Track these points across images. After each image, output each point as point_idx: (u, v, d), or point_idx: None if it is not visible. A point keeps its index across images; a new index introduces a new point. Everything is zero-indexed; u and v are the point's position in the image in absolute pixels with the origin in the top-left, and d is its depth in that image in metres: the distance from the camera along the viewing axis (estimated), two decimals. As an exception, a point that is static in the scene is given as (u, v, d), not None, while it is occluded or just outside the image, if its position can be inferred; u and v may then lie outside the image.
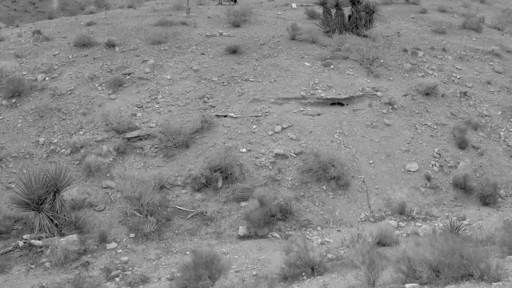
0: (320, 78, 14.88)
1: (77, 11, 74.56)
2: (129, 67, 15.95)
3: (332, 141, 13.01)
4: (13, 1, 76.38)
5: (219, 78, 15.00)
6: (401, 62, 16.20)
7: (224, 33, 18.01)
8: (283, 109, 13.85)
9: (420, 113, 14.18)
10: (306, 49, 16.64)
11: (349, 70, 15.40)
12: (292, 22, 18.41)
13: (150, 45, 17.22)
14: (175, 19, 19.98)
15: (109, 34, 18.38)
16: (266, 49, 16.66)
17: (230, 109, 13.87)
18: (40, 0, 78.84)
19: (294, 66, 15.50)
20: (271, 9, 23.15)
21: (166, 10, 23.31)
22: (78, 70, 15.87)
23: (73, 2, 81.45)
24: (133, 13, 22.66)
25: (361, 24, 17.91)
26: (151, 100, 14.41)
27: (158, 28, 18.84)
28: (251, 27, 19.27)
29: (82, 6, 79.56)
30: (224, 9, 22.78)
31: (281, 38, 17.69)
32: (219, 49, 16.67)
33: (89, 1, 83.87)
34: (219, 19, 20.51)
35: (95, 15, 22.94)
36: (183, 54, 16.54)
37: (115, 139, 13.21)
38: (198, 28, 19.12)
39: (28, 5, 76.39)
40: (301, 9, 23.08)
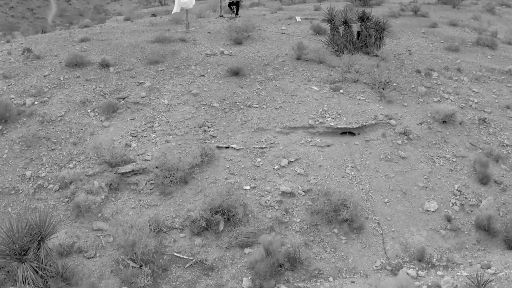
0: (329, 104, 13.82)
1: (76, 18, 73.70)
2: (123, 90, 14.89)
3: (343, 176, 11.94)
4: (10, 7, 75.43)
5: (220, 103, 13.94)
6: (415, 85, 15.13)
7: (226, 52, 16.95)
8: (289, 140, 12.79)
9: (437, 144, 13.11)
10: (313, 70, 15.58)
11: (360, 95, 14.34)
12: (297, 41, 17.34)
13: (147, 65, 16.16)
14: (174, 35, 18.93)
15: (104, 52, 17.33)
16: (271, 71, 15.60)
17: (233, 139, 12.81)
18: (39, 6, 77.90)
19: (300, 90, 14.44)
20: (274, 23, 22.10)
21: (164, 24, 22.27)
22: (70, 93, 14.82)
23: (71, 8, 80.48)
24: (130, 28, 21.61)
25: (371, 43, 16.85)
26: (147, 128, 13.35)
27: (155, 46, 17.79)
28: (254, 44, 18.22)
29: (81, 12, 78.83)
30: (225, 22, 21.74)
31: (286, 57, 16.63)
32: (220, 70, 15.61)
33: (88, 7, 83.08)
34: (220, 35, 19.46)
35: (89, 30, 21.88)
36: (181, 76, 15.48)
37: (108, 174, 12.14)
38: (198, 45, 18.07)
39: (26, 11, 75.42)
40: (305, 23, 22.04)
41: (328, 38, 17.30)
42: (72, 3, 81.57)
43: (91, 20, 68.06)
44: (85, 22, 22.77)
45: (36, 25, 69.90)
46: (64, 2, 79.87)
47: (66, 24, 68.00)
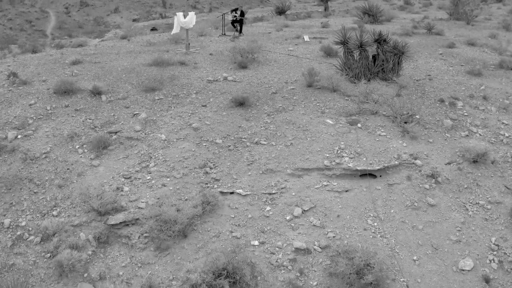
0: (346, 141, 12.29)
1: (75, 30, 72.41)
2: (116, 122, 13.38)
3: (365, 228, 10.39)
4: (9, 19, 74.18)
5: (224, 140, 12.42)
6: (439, 118, 13.61)
7: (229, 77, 15.46)
8: (303, 184, 11.25)
9: (469, 188, 11.57)
10: (326, 100, 14.06)
11: (380, 130, 12.81)
12: (307, 64, 15.86)
13: (143, 93, 14.67)
14: (173, 57, 17.45)
15: (96, 77, 15.85)
16: (279, 100, 14.09)
17: (238, 183, 11.27)
18: (37, 18, 76.66)
19: (313, 124, 12.92)
20: (281, 43, 20.63)
21: (163, 44, 20.80)
22: (57, 126, 13.32)
23: (71, 20, 79.26)
24: (126, 47, 20.15)
25: (388, 68, 15.34)
26: (141, 168, 11.83)
27: (152, 70, 16.31)
28: (260, 68, 16.73)
29: (80, 25, 77.59)
30: (228, 42, 20.27)
31: (296, 84, 15.12)
32: (223, 99, 14.11)
33: (88, 19, 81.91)
34: (223, 57, 17.98)
35: (83, 50, 20.41)
36: (181, 106, 13.98)
37: (96, 224, 10.62)
38: (199, 69, 16.58)
39: (24, 24, 74.15)
40: (314, 43, 20.57)
41: (341, 62, 15.79)
42: (72, 15, 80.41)
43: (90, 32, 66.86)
44: (79, 40, 21.27)
45: (34, 37, 68.73)
46: (63, 14, 78.71)
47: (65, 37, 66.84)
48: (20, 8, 75.78)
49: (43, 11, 77.90)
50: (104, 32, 68.54)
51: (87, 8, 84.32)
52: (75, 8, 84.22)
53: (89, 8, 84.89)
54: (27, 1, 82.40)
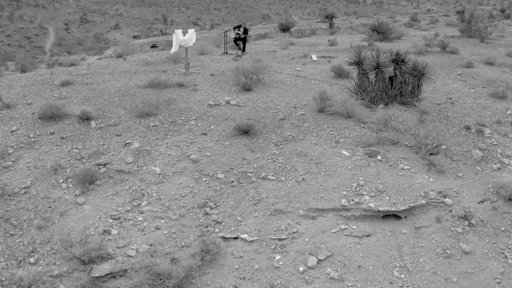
0: (366, 176, 10.80)
1: (74, 46, 71.32)
2: (106, 153, 11.93)
3: (391, 282, 8.87)
4: (7, 35, 73.10)
5: (227, 174, 10.95)
6: (467, 148, 12.14)
7: (232, 101, 14.02)
8: (317, 227, 9.75)
9: (506, 230, 10.09)
10: (340, 128, 12.60)
11: (403, 163, 11.33)
12: (317, 86, 14.44)
13: (136, 119, 13.23)
14: (171, 78, 16.05)
15: (86, 101, 14.43)
16: (288, 128, 12.63)
17: (243, 226, 9.78)
18: (36, 35, 75.54)
19: (327, 155, 11.44)
20: (287, 62, 19.24)
21: (161, 63, 19.42)
22: (39, 156, 11.88)
23: (70, 37, 78.16)
24: (121, 67, 18.76)
25: (407, 91, 13.90)
26: (132, 207, 10.35)
27: (148, 92, 14.89)
28: (266, 91, 15.31)
29: (79, 41, 76.47)
30: (230, 61, 18.89)
31: (306, 109, 13.68)
32: (225, 127, 12.65)
33: (88, 36, 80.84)
34: (225, 78, 16.57)
35: (75, 69, 19.02)
36: (178, 134, 12.53)
37: (78, 274, 9.12)
38: (199, 92, 15.16)
39: (23, 40, 73.00)
40: (323, 62, 19.18)
41: (355, 85, 14.35)
42: (71, 32, 79.40)
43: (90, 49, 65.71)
44: (71, 59, 19.89)
45: (33, 54, 67.57)
46: (62, 31, 77.68)
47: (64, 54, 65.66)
48: (19, 24, 74.80)
49: (42, 27, 76.91)
50: (104, 49, 67.45)
51: (87, 25, 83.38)
52: (75, 25, 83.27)
53: (89, 24, 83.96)
54: (26, 17, 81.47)
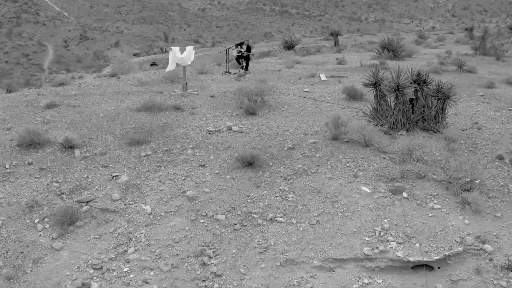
0: (391, 218, 9.18)
1: (73, 64, 70.17)
2: (89, 187, 10.34)
3: None
4: (5, 52, 71.95)
5: (228, 215, 9.34)
6: (504, 182, 10.56)
7: (234, 127, 12.46)
8: (336, 282, 8.12)
9: (561, 284, 8.39)
10: (358, 158, 11.01)
11: (433, 201, 9.73)
12: (329, 110, 12.89)
13: (126, 147, 11.67)
14: (167, 100, 14.53)
15: (72, 125, 12.89)
16: (298, 158, 11.05)
17: (247, 280, 8.16)
18: (35, 52, 74.45)
19: (345, 192, 9.83)
20: (294, 82, 17.72)
21: (157, 83, 17.91)
22: (14, 191, 10.32)
23: (69, 54, 77.06)
24: (114, 87, 17.26)
25: (430, 115, 12.34)
26: (117, 255, 8.74)
27: (141, 116, 13.36)
28: (272, 114, 13.76)
29: (79, 59, 75.36)
30: (232, 82, 17.38)
31: (317, 136, 12.10)
32: (227, 157, 11.08)
33: (87, 53, 79.77)
34: (227, 100, 15.04)
35: (64, 89, 17.51)
36: (173, 165, 10.95)
37: None
38: (197, 116, 13.62)
39: (21, 57, 71.85)
40: (333, 82, 17.66)
41: (372, 109, 12.80)
42: (71, 49, 78.35)
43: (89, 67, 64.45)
44: (60, 78, 18.39)
45: (31, 71, 66.44)
46: (62, 48, 76.61)
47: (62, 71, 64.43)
48: (17, 41, 73.74)
49: (41, 44, 75.85)
50: (103, 66, 66.23)
51: (87, 42, 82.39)
52: (75, 42, 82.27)
53: (89, 42, 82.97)
54: (25, 34, 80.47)
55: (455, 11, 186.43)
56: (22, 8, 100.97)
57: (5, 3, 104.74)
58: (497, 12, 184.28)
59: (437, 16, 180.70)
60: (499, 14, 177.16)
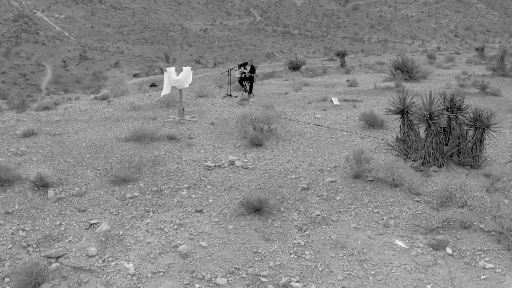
0: (435, 283, 7.29)
1: (71, 84, 68.63)
2: (61, 238, 8.47)
3: None
4: (2, 72, 70.42)
5: (230, 278, 7.44)
6: None
7: (237, 162, 10.59)
8: None
9: None
10: (387, 202, 9.09)
11: (483, 258, 7.81)
12: (353, 147, 11.01)
13: (109, 186, 9.79)
14: (160, 128, 12.70)
15: (49, 158, 11.05)
16: (315, 202, 9.13)
17: None
18: (32, 72, 72.88)
19: (375, 248, 7.91)
20: (304, 107, 15.89)
21: (151, 108, 16.09)
22: (-29, 242, 8.40)
23: (68, 74, 75.51)
24: (103, 112, 15.44)
25: (467, 147, 10.45)
26: (88, 332, 6.77)
27: (129, 148, 11.50)
28: (281, 146, 11.88)
29: (78, 79, 73.84)
30: (235, 106, 15.56)
31: (336, 173, 10.20)
32: (229, 201, 9.18)
33: (87, 73, 78.29)
34: (229, 128, 13.19)
35: (47, 114, 15.70)
36: (163, 210, 9.05)
37: None
38: (194, 147, 11.75)
39: (18, 77, 70.28)
40: (347, 107, 15.83)
41: (397, 139, 10.92)
42: (70, 69, 76.87)
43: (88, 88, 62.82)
44: (45, 102, 16.58)
45: (28, 91, 64.84)
46: (60, 68, 75.12)
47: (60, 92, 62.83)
48: (14, 61, 72.26)
49: (39, 64, 74.37)
50: (102, 87, 64.57)
51: (86, 62, 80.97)
52: (74, 62, 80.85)
53: (89, 62, 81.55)
54: (23, 53, 79.05)
55: (458, 32, 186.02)
56: (22, 27, 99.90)
57: (5, 22, 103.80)
58: (500, 32, 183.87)
59: (439, 36, 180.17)
60: (502, 34, 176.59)
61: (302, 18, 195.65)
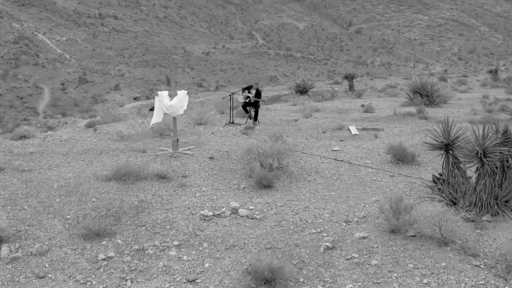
0: None
1: (70, 108, 66.81)
2: (7, 319, 6.26)
3: None
4: (-1, 94, 68.68)
5: None
6: None
7: (242, 210, 8.44)
8: None
9: None
10: (437, 268, 6.91)
11: None
12: (389, 192, 8.85)
13: (79, 243, 7.65)
14: (149, 163, 10.56)
15: (10, 202, 9.01)
16: (344, 268, 6.95)
17: None
18: (30, 94, 71.17)
19: None
20: (318, 137, 13.77)
21: (142, 137, 13.97)
22: None
23: (66, 97, 73.77)
24: (85, 142, 13.34)
25: (526, 192, 8.29)
26: None
27: (109, 189, 9.37)
28: (295, 188, 9.71)
29: (76, 102, 72.12)
30: (237, 135, 13.45)
31: (367, 226, 8.03)
32: (230, 265, 7.01)
33: (86, 97, 76.62)
34: (231, 164, 11.05)
35: (22, 144, 13.59)
36: (144, 278, 6.88)
37: None
38: (189, 189, 9.60)
39: (15, 100, 68.53)
40: (367, 137, 13.69)
41: (439, 180, 8.75)
42: (68, 92, 75.18)
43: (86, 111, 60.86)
44: (21, 130, 14.48)
45: (25, 115, 63.08)
46: (59, 91, 73.39)
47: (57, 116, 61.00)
48: (12, 83, 70.57)
49: (37, 87, 72.69)
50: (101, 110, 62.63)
51: (86, 85, 79.32)
52: (74, 85, 79.20)
53: (88, 84, 79.91)
54: (21, 75, 77.39)
55: (461, 54, 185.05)
56: (22, 49, 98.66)
57: (5, 44, 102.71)
58: (503, 54, 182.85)
59: (443, 59, 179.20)
60: (505, 57, 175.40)
61: (304, 41, 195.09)
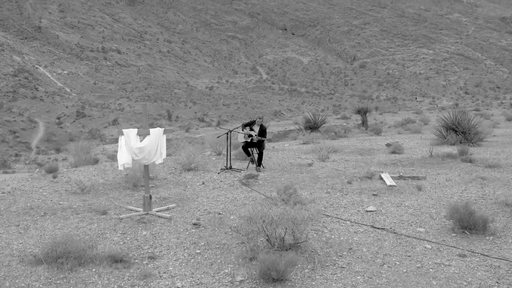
0: None
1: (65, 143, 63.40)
2: None
3: None
4: (-10, 129, 65.70)
5: None
6: None
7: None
8: None
9: None
10: None
11: None
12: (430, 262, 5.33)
13: None
14: (105, 234, 7.11)
15: None
16: None
17: None
18: (23, 129, 68.12)
19: None
20: (342, 191, 10.24)
21: (109, 189, 10.53)
22: None
23: (62, 132, 70.64)
24: (35, 195, 9.96)
25: None
26: None
27: (34, 280, 5.85)
28: (320, 282, 6.14)
29: (72, 137, 68.82)
30: (236, 186, 9.98)
31: None
32: None
33: (83, 131, 73.44)
34: (223, 236, 7.55)
35: None
36: None
37: None
38: (154, 281, 6.03)
39: (7, 134, 65.41)
40: (408, 189, 10.19)
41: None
42: (65, 126, 72.11)
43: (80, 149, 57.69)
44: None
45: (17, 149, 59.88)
46: (54, 125, 70.35)
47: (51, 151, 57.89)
48: (5, 117, 67.60)
49: (31, 120, 69.69)
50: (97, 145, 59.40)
51: (83, 119, 76.35)
52: (71, 119, 76.22)
53: (86, 119, 76.94)
54: (15, 109, 74.50)
55: (468, 88, 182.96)
56: (20, 82, 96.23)
57: (5, 77, 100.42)
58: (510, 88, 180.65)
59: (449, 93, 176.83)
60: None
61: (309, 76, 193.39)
